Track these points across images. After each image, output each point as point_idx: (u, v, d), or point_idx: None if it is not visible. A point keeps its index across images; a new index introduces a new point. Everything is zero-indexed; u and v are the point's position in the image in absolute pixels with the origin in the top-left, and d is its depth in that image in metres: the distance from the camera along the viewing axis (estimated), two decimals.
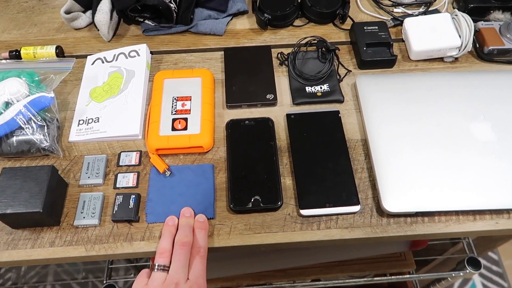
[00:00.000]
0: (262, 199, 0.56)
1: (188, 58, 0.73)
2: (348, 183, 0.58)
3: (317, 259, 0.80)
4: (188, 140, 0.60)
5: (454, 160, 0.58)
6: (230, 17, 0.77)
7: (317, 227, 0.55)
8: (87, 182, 0.59)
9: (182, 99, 0.65)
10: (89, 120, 0.64)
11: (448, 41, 0.70)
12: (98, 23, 0.72)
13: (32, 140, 0.59)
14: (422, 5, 0.80)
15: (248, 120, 0.64)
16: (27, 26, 0.78)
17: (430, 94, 0.65)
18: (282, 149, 0.62)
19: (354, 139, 0.63)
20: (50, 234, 0.55)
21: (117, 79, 0.68)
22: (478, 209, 0.56)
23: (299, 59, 0.71)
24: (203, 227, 0.53)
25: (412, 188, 0.56)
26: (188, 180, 0.59)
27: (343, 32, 0.76)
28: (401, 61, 0.72)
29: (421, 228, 0.55)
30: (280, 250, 0.79)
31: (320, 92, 0.67)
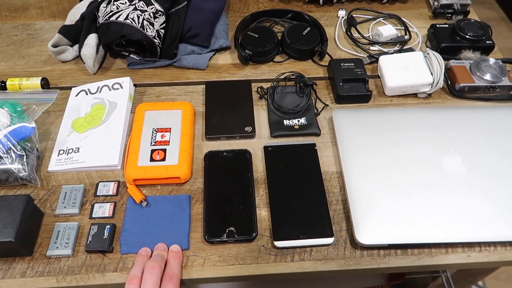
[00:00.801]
0: (237, 230, 0.57)
1: (170, 91, 0.75)
2: (322, 215, 0.59)
3: None
4: (166, 171, 0.61)
5: (426, 193, 0.59)
6: (213, 52, 0.80)
7: (291, 259, 0.55)
8: (63, 211, 0.59)
9: (162, 131, 0.66)
10: (69, 150, 0.65)
11: (421, 78, 0.73)
12: (84, 57, 0.75)
13: (11, 169, 0.60)
14: (397, 44, 0.84)
15: (226, 151, 0.65)
16: (15, 58, 0.80)
17: (404, 129, 0.67)
18: (259, 180, 0.63)
19: (329, 172, 0.64)
20: (22, 264, 0.55)
21: (100, 110, 0.70)
22: (450, 242, 0.57)
23: (278, 93, 0.73)
24: (177, 256, 0.53)
25: (385, 220, 0.57)
26: (164, 211, 0.59)
27: (321, 68, 0.79)
28: (377, 97, 0.75)
29: (394, 261, 0.56)
30: (254, 283, 0.78)
31: (298, 125, 0.69)
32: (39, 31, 0.86)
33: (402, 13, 0.90)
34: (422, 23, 0.89)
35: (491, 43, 0.80)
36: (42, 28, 0.86)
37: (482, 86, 0.74)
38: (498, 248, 0.57)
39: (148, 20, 0.73)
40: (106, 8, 0.75)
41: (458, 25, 0.81)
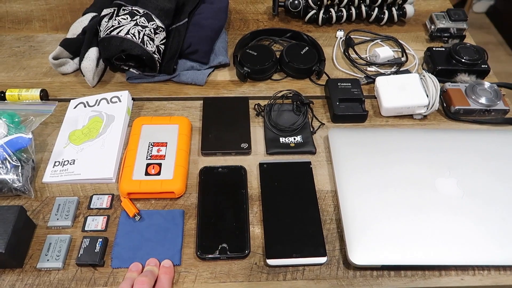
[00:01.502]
0: (230, 247, 0.56)
1: (168, 105, 0.76)
2: (316, 234, 0.58)
3: None
4: (160, 185, 0.61)
5: (420, 215, 0.59)
6: (211, 69, 0.81)
7: (283, 277, 0.55)
8: (55, 224, 0.58)
9: (158, 145, 0.66)
10: (65, 162, 0.65)
11: (416, 100, 0.73)
12: (84, 70, 0.75)
13: (5, 179, 0.60)
14: (394, 65, 0.85)
15: (221, 167, 0.65)
16: (16, 69, 0.81)
17: (399, 149, 0.67)
18: (254, 197, 0.63)
19: (324, 190, 0.64)
20: (12, 276, 0.54)
21: (97, 123, 0.70)
22: (444, 265, 0.56)
23: (274, 111, 0.74)
24: (168, 272, 0.53)
25: (379, 241, 0.56)
26: (157, 225, 0.59)
27: (318, 87, 0.80)
28: (373, 117, 0.75)
29: (387, 283, 0.55)
30: None
31: (294, 143, 0.70)
32: (41, 43, 0.87)
33: (399, 35, 0.92)
34: (419, 45, 0.90)
35: (486, 67, 0.81)
36: (44, 41, 0.87)
37: (477, 109, 0.74)
38: (492, 272, 0.57)
39: (148, 35, 0.74)
40: (108, 23, 0.77)
41: (454, 48, 0.82)
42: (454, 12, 0.91)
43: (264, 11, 0.98)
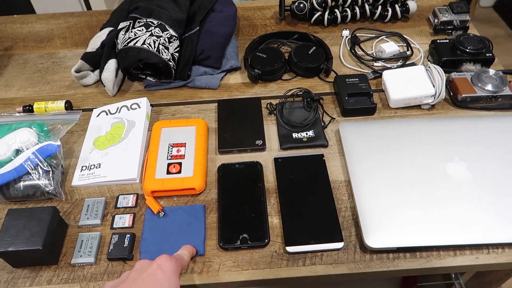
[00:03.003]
0: (250, 236, 0.59)
1: (184, 109, 0.80)
2: (332, 221, 0.61)
3: None
4: (182, 183, 0.65)
5: (433, 198, 0.61)
6: (224, 73, 0.85)
7: (302, 263, 0.58)
8: (86, 223, 0.62)
9: (177, 146, 0.70)
10: (91, 166, 0.69)
11: (423, 90, 0.76)
12: (104, 80, 0.80)
13: (38, 184, 0.64)
14: (399, 60, 0.87)
15: (238, 164, 0.68)
16: (40, 84, 0.86)
17: (408, 138, 0.69)
18: (270, 190, 0.66)
19: (337, 181, 0.67)
20: (48, 272, 0.58)
21: (119, 128, 0.74)
22: (458, 244, 0.58)
23: (286, 109, 0.77)
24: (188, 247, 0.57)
25: (393, 225, 0.59)
26: (180, 220, 0.62)
27: (327, 84, 0.83)
28: (382, 109, 0.78)
29: (403, 264, 0.57)
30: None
31: (306, 138, 0.72)
32: (63, 59, 0.92)
33: (404, 31, 0.94)
34: (423, 39, 0.93)
35: (491, 55, 0.83)
36: (65, 56, 0.93)
37: (483, 96, 0.76)
38: (506, 250, 0.58)
39: (163, 44, 0.79)
40: (125, 35, 0.81)
41: (458, 39, 0.84)
42: (457, 5, 0.93)
43: (271, 16, 1.01)
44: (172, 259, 0.49)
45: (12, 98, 0.84)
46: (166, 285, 0.46)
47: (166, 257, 0.49)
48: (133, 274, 0.47)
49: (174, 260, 0.49)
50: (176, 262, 0.49)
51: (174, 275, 0.47)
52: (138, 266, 0.48)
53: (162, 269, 0.47)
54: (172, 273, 0.47)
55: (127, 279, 0.47)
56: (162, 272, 0.47)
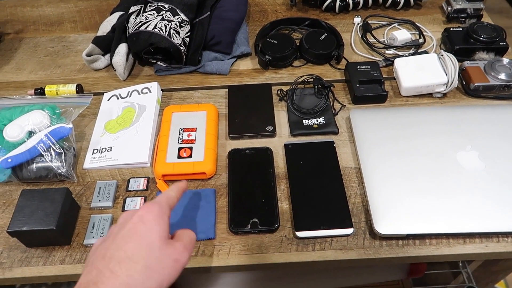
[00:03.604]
0: (260, 221, 0.60)
1: (195, 94, 0.80)
2: (342, 207, 0.61)
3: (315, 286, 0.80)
4: (192, 167, 0.65)
5: (443, 186, 0.61)
6: (234, 59, 0.85)
7: (312, 248, 0.58)
8: (98, 205, 0.63)
9: (188, 130, 0.70)
10: (103, 149, 0.70)
11: (435, 78, 0.75)
12: (115, 64, 0.80)
13: (50, 166, 0.65)
14: (412, 48, 0.86)
15: (248, 149, 0.69)
16: (52, 67, 0.87)
17: (419, 126, 0.69)
18: (280, 176, 0.66)
19: (348, 167, 0.67)
20: (61, 252, 0.59)
21: (130, 113, 0.74)
22: (468, 232, 0.58)
23: (297, 95, 0.77)
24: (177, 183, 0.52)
25: (403, 212, 0.59)
26: (191, 204, 0.63)
27: (338, 71, 0.83)
28: (393, 97, 0.78)
29: (412, 251, 0.57)
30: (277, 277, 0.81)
31: (316, 125, 0.72)
32: (73, 43, 0.92)
33: (416, 18, 0.93)
34: (436, 27, 0.91)
35: (504, 44, 0.82)
36: (75, 40, 0.93)
37: (497, 85, 0.76)
38: None
39: (174, 29, 0.79)
40: (136, 19, 0.81)
41: (472, 28, 0.83)
42: None
43: (282, 2, 1.01)
44: (155, 205, 0.45)
45: (23, 81, 0.84)
46: (148, 238, 0.42)
47: (147, 206, 0.45)
48: (115, 230, 0.44)
49: (157, 206, 0.45)
50: (160, 207, 0.45)
51: (157, 224, 0.43)
52: (121, 220, 0.45)
53: (143, 220, 0.43)
54: (155, 222, 0.43)
55: (109, 236, 0.43)
56: (143, 223, 0.43)
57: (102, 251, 0.42)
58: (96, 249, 0.43)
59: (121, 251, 0.41)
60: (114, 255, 0.41)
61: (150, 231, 0.42)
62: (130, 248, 0.41)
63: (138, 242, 0.41)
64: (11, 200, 0.65)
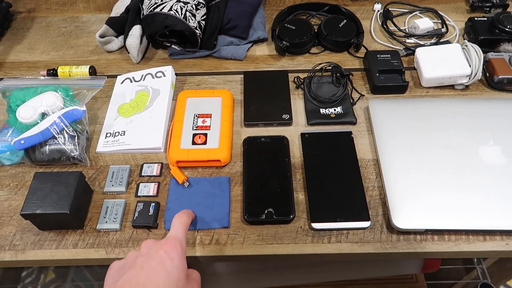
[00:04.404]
0: (275, 211, 0.59)
1: (210, 80, 0.78)
2: (359, 200, 0.60)
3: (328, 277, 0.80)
4: (207, 154, 0.64)
5: (464, 181, 0.59)
6: (250, 44, 0.83)
7: (327, 240, 0.57)
8: (111, 189, 0.62)
9: (202, 116, 0.69)
10: (116, 133, 0.69)
11: (458, 69, 0.73)
12: (129, 46, 0.78)
13: (63, 149, 0.64)
14: (434, 37, 0.84)
15: (264, 137, 0.67)
16: (64, 48, 0.85)
17: (440, 118, 0.67)
18: (296, 166, 0.65)
19: (365, 159, 0.65)
20: (74, 236, 0.58)
21: (144, 96, 0.73)
22: (488, 229, 0.57)
23: (314, 83, 0.75)
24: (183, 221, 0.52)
25: (422, 206, 0.57)
26: (205, 191, 0.62)
27: (357, 60, 0.81)
28: (413, 88, 0.75)
29: (430, 246, 0.56)
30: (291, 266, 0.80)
31: (334, 114, 0.71)
32: (86, 23, 0.91)
33: (439, 7, 0.90)
34: (459, 16, 0.88)
35: None
36: (88, 21, 0.91)
37: None
38: None
39: (190, 11, 0.77)
40: (151, 0, 0.79)
41: (497, 18, 0.80)
42: None
43: None
44: (177, 242, 0.47)
45: (35, 61, 0.83)
46: (175, 274, 0.44)
47: (172, 242, 0.47)
48: (140, 260, 0.45)
49: (179, 245, 0.47)
50: (181, 244, 0.47)
51: (181, 262, 0.46)
52: (144, 250, 0.46)
53: (170, 257, 0.45)
54: (180, 260, 0.45)
55: (135, 264, 0.44)
56: (170, 260, 0.44)
57: (131, 277, 0.43)
58: (119, 273, 0.44)
59: (153, 283, 0.42)
60: (146, 285, 0.42)
61: (177, 269, 0.44)
62: (161, 282, 0.43)
63: (168, 278, 0.43)
64: (23, 182, 0.64)
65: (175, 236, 0.48)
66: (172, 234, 0.49)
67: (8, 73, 0.81)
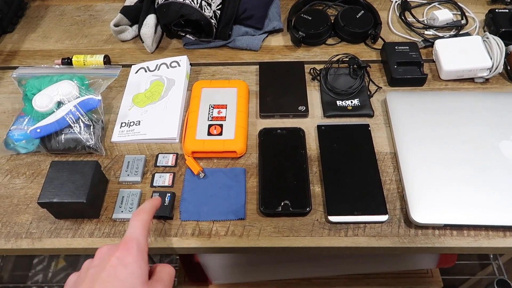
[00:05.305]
0: (292, 203, 0.58)
1: (224, 70, 0.77)
2: (376, 193, 0.59)
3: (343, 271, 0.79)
4: (223, 145, 0.63)
5: (484, 176, 0.58)
6: (266, 34, 0.82)
7: (344, 234, 0.56)
8: (126, 179, 0.62)
9: (218, 107, 0.68)
10: (131, 123, 0.68)
11: (479, 62, 0.71)
12: (143, 36, 0.78)
13: (79, 138, 0.63)
14: (453, 29, 0.82)
15: (280, 129, 0.66)
16: (78, 37, 0.85)
17: (460, 112, 0.66)
18: (312, 158, 0.64)
19: (383, 152, 0.65)
20: (90, 225, 0.58)
21: (158, 86, 0.72)
22: (509, 225, 0.56)
23: (331, 75, 0.74)
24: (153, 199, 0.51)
25: (441, 201, 0.57)
26: (220, 183, 0.61)
27: (374, 52, 0.79)
28: (431, 81, 0.74)
29: (449, 241, 0.55)
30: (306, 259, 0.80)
31: (351, 106, 0.70)
32: (100, 12, 0.90)
33: None
34: (479, 8, 0.86)
35: None
36: (102, 10, 0.90)
37: None
38: None
39: (206, 0, 0.76)
40: None
41: None
42: None
43: None
44: (133, 245, 0.42)
45: (50, 50, 0.82)
46: (130, 282, 0.39)
47: (125, 245, 0.42)
48: (91, 272, 0.40)
49: (135, 245, 0.42)
50: (138, 245, 0.42)
51: (138, 267, 0.41)
52: (96, 261, 0.42)
53: (123, 263, 0.40)
54: (137, 265, 0.41)
55: (86, 277, 0.40)
56: (123, 267, 0.40)
57: None
58: None
59: None
60: None
61: (131, 276, 0.40)
62: None
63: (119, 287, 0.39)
64: (39, 171, 0.64)
65: (130, 237, 0.43)
66: (128, 235, 0.43)
67: (22, 61, 0.81)
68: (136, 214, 0.47)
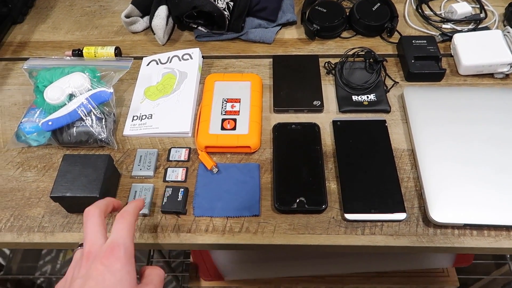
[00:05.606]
0: (307, 200, 0.57)
1: (237, 63, 0.76)
2: (394, 191, 0.58)
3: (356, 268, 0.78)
4: (237, 140, 0.62)
5: (505, 175, 0.57)
6: (279, 27, 0.80)
7: (361, 232, 0.55)
8: (138, 173, 0.61)
9: (231, 101, 0.67)
10: (143, 116, 0.67)
11: (499, 57, 0.69)
12: (155, 27, 0.76)
13: (91, 131, 0.63)
14: (471, 22, 0.80)
15: (294, 124, 0.65)
16: (88, 28, 0.83)
17: (480, 108, 0.64)
18: (328, 154, 0.63)
19: (400, 149, 0.63)
20: None
21: (170, 79, 0.71)
22: None
23: (346, 69, 0.72)
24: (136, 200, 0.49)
25: (460, 200, 0.55)
26: (234, 178, 0.60)
27: (390, 45, 0.77)
28: (449, 76, 0.72)
29: (469, 241, 0.54)
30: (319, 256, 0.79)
31: (367, 101, 0.68)
32: (110, 3, 0.89)
33: None
34: (498, 1, 0.84)
35: None
36: (112, 0, 0.89)
37: None
38: None
39: None
40: None
41: None
42: None
43: None
44: (120, 250, 0.40)
45: (60, 41, 0.81)
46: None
47: (113, 252, 0.40)
48: (78, 282, 0.39)
49: (122, 251, 0.40)
50: (125, 250, 0.40)
51: (127, 273, 0.39)
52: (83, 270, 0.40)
53: (111, 270, 0.38)
54: (125, 271, 0.39)
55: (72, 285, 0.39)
56: (111, 274, 0.38)
57: None
58: None
59: None
60: None
61: (120, 283, 0.38)
62: None
63: None
64: (51, 164, 0.63)
65: (116, 242, 0.41)
66: (114, 240, 0.41)
67: (33, 52, 0.80)
68: (120, 216, 0.44)
